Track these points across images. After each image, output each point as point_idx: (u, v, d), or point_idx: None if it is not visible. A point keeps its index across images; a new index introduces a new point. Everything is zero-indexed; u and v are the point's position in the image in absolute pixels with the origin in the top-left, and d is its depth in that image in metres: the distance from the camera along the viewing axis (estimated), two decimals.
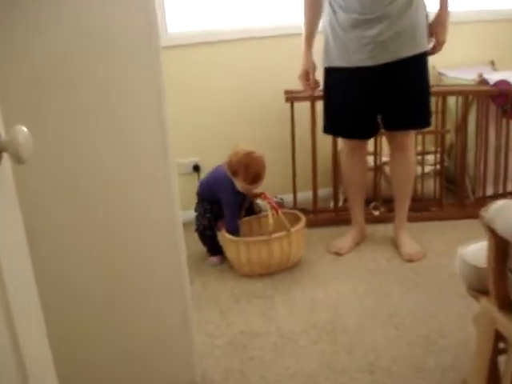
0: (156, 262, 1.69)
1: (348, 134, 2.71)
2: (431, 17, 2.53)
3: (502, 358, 1.57)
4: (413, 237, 2.83)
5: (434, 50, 2.55)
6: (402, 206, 2.77)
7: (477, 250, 1.60)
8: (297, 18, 3.05)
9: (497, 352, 1.58)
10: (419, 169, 3.08)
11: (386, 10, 2.37)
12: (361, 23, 2.41)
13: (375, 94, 2.53)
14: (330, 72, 2.60)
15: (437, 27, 2.52)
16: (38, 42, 1.42)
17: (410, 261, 2.67)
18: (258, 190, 2.70)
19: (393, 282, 2.50)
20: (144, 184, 1.61)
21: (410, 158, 2.68)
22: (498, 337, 1.54)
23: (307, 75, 2.69)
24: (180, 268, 1.72)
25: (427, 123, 2.63)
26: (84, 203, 1.57)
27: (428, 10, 2.50)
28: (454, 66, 3.28)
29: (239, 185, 2.61)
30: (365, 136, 2.72)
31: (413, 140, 2.69)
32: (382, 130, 2.68)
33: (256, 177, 2.57)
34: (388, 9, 2.37)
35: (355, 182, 2.79)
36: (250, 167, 2.57)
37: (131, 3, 1.46)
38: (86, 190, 1.57)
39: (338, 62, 2.53)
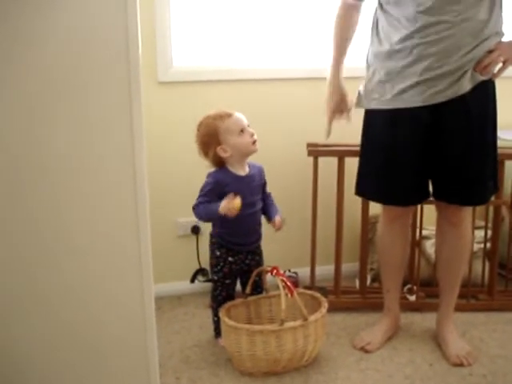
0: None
1: (389, 199, 2.12)
2: None
3: None
4: (459, 332, 2.25)
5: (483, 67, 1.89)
6: (450, 294, 2.19)
7: None
8: (325, 62, 2.64)
9: None
10: None
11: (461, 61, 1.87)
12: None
13: (426, 145, 2.01)
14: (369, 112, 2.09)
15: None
16: None
17: (460, 365, 2.09)
18: (269, 265, 2.15)
19: None
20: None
21: (464, 234, 2.12)
22: None
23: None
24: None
25: (487, 199, 2.10)
26: None
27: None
28: (507, 127, 2.74)
29: (232, 143, 2.11)
30: (411, 201, 2.16)
31: (470, 213, 2.14)
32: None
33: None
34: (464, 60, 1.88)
35: (393, 260, 2.21)
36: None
37: None
38: None
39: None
